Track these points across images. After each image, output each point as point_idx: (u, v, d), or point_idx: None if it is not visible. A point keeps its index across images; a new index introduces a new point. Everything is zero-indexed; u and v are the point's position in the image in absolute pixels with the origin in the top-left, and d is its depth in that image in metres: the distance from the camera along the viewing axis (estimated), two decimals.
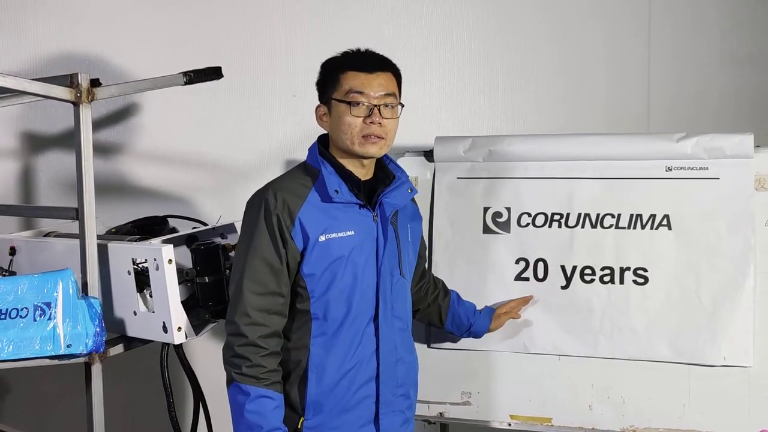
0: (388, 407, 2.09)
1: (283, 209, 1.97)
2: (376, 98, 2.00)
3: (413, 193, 2.17)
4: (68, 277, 2.03)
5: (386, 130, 2.02)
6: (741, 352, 2.36)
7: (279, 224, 1.96)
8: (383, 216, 2.07)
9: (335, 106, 2.02)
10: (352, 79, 2.01)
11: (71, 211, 2.12)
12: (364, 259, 2.04)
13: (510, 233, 2.57)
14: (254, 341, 1.93)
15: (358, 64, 2.03)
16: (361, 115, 2.00)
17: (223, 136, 3.16)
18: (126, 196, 3.04)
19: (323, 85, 2.08)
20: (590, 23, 3.51)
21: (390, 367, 2.09)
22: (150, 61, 2.94)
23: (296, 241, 1.98)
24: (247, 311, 1.94)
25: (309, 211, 1.99)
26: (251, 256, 1.97)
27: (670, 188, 2.46)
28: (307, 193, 2.01)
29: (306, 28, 3.16)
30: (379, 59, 2.07)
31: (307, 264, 1.99)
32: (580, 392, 2.49)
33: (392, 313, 2.09)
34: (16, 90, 2.06)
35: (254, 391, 1.93)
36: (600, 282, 2.48)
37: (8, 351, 1.97)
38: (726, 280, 2.39)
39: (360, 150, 2.01)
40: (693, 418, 2.40)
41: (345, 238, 2.01)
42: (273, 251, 1.96)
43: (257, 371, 1.93)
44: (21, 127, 2.99)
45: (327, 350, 2.02)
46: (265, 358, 1.95)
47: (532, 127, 3.43)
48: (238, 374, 1.94)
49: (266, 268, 1.96)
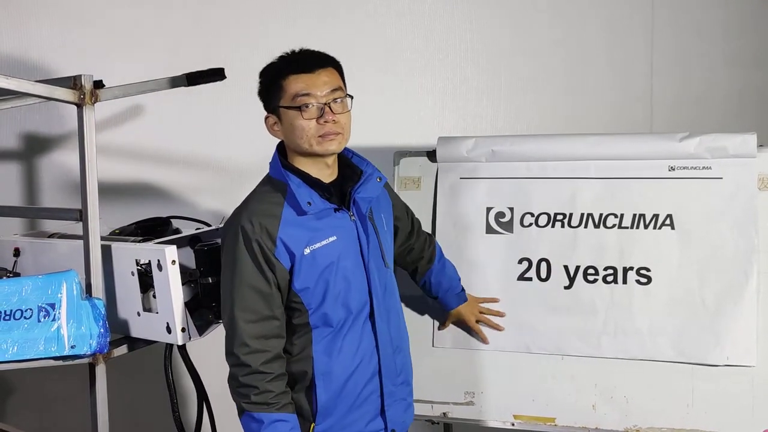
0: (392, 398, 2.12)
1: (262, 233, 1.95)
2: (324, 96, 1.97)
3: (383, 181, 2.14)
4: (72, 278, 2.04)
5: (341, 125, 2.00)
6: (744, 352, 2.36)
7: (261, 249, 1.94)
8: (360, 214, 2.06)
9: (284, 114, 1.99)
10: (296, 82, 1.97)
11: (75, 213, 2.12)
12: (351, 260, 2.04)
13: (513, 233, 2.57)
14: (257, 368, 1.93)
15: (298, 66, 1.99)
16: (312, 117, 1.96)
17: (226, 137, 3.17)
18: (129, 197, 3.04)
19: (267, 94, 2.04)
20: (593, 24, 3.51)
21: (389, 360, 2.11)
22: (153, 62, 2.94)
23: (282, 260, 1.96)
24: (245, 341, 1.93)
25: (287, 228, 1.97)
26: (238, 285, 1.95)
27: (673, 188, 2.45)
28: (281, 210, 1.98)
29: (309, 30, 3.16)
30: (318, 56, 2.03)
31: (298, 279, 1.98)
32: (583, 392, 2.49)
33: (385, 307, 2.11)
34: (20, 92, 2.07)
35: (267, 417, 1.93)
36: (603, 282, 2.48)
37: (13, 352, 1.98)
38: (729, 280, 2.39)
39: (320, 149, 1.99)
40: (696, 418, 2.40)
41: (329, 245, 2.00)
42: (260, 277, 1.95)
43: (266, 397, 1.93)
44: (25, 129, 3.00)
45: (330, 355, 2.03)
46: (272, 383, 1.95)
47: (535, 127, 3.43)
48: (248, 403, 1.94)
49: (256, 295, 1.95)
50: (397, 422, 2.15)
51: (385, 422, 2.11)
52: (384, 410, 2.11)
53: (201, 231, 2.38)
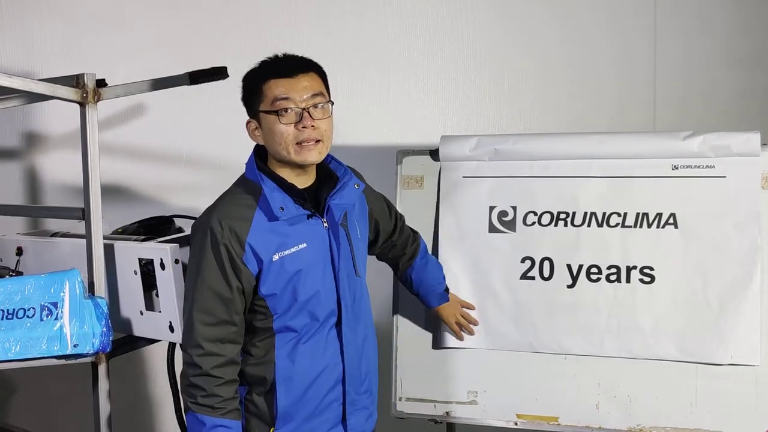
0: (354, 406, 2.09)
1: (231, 237, 1.91)
2: (304, 101, 1.93)
3: (360, 188, 2.09)
4: (75, 277, 2.04)
5: (321, 131, 1.95)
6: (748, 351, 2.35)
7: (228, 253, 1.91)
8: (332, 221, 2.02)
9: (264, 118, 1.96)
10: (275, 86, 1.94)
11: (78, 212, 2.12)
12: (320, 268, 2.01)
13: (516, 232, 2.57)
14: (208, 371, 1.91)
15: (278, 71, 1.96)
16: (291, 121, 1.93)
17: (229, 136, 3.15)
18: (132, 196, 3.04)
19: (248, 99, 2.02)
20: (597, 23, 3.50)
21: (354, 369, 2.08)
22: (156, 61, 2.94)
23: (249, 266, 1.93)
24: (199, 342, 1.91)
25: (257, 233, 1.94)
26: (200, 286, 1.92)
27: (677, 187, 2.45)
28: (252, 214, 1.95)
29: (312, 29, 3.16)
30: (300, 61, 2.01)
31: (265, 285, 1.95)
32: (586, 391, 2.48)
33: (354, 315, 2.08)
34: (23, 90, 2.06)
35: (210, 421, 1.91)
36: (606, 281, 2.48)
37: (15, 351, 1.98)
38: (733, 278, 2.38)
39: (298, 159, 1.95)
40: (700, 417, 2.39)
41: (298, 252, 1.97)
42: (222, 281, 1.92)
43: (212, 401, 1.91)
44: (28, 128, 3.00)
45: (293, 361, 2.00)
46: (221, 387, 1.92)
47: (538, 126, 3.42)
48: (194, 404, 1.92)
49: (215, 298, 1.92)
50: (357, 431, 2.12)
51: (346, 430, 2.09)
52: (345, 418, 2.08)
53: None
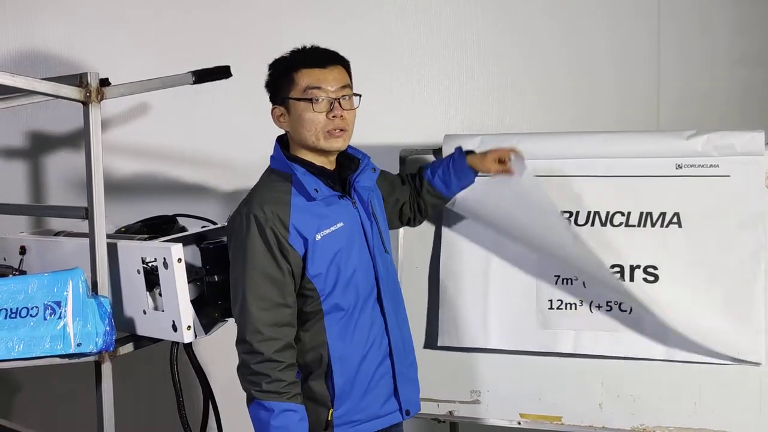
0: (403, 378, 2.17)
1: (275, 220, 1.98)
2: (334, 91, 2.03)
3: (376, 173, 2.19)
4: (78, 276, 2.04)
5: (347, 122, 2.06)
6: (752, 351, 2.35)
7: (275, 236, 1.97)
8: (362, 200, 2.13)
9: (294, 105, 2.04)
10: (308, 76, 2.03)
11: (81, 211, 2.12)
12: (357, 246, 2.09)
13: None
14: (270, 356, 1.95)
15: (311, 61, 2.05)
16: (323, 110, 2.02)
17: (232, 135, 3.17)
18: (135, 195, 3.04)
19: (275, 86, 2.09)
20: (599, 22, 3.50)
21: (398, 341, 2.17)
22: (159, 60, 2.95)
23: (296, 247, 2.00)
24: (258, 328, 1.95)
25: (298, 214, 2.01)
26: (250, 273, 1.97)
27: (681, 186, 2.44)
28: (289, 198, 2.03)
29: (316, 28, 3.16)
30: (330, 54, 2.09)
31: (312, 265, 2.02)
32: (590, 391, 2.48)
33: (389, 289, 2.17)
34: (26, 89, 2.06)
35: (277, 406, 1.95)
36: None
37: (19, 350, 1.98)
38: (736, 278, 2.38)
39: (326, 145, 2.04)
40: (704, 416, 2.39)
41: (337, 230, 2.05)
42: (273, 264, 1.97)
43: (277, 386, 1.95)
44: (31, 127, 3.00)
45: (344, 340, 2.06)
46: (283, 371, 1.97)
47: (541, 125, 3.42)
48: (259, 391, 1.95)
49: (268, 283, 1.97)
50: (411, 402, 2.20)
51: (399, 403, 2.17)
52: (397, 391, 2.16)
53: (207, 229, 2.38)
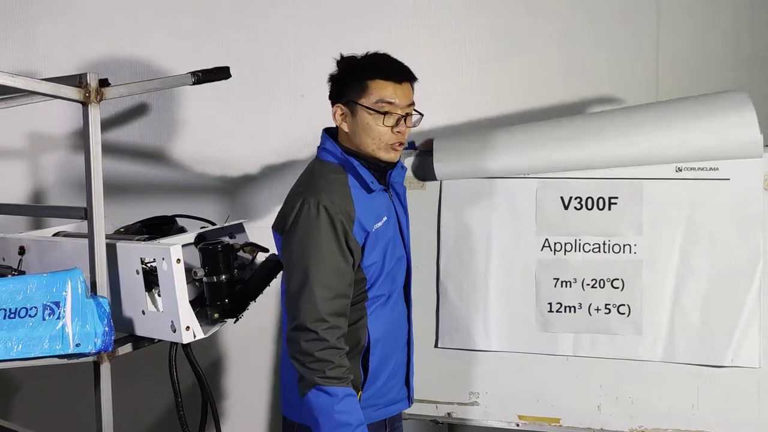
0: (413, 367, 2.27)
1: (343, 213, 2.03)
2: (403, 108, 2.09)
3: (405, 170, 2.30)
4: (77, 277, 2.03)
5: (404, 136, 2.13)
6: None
7: (343, 227, 2.02)
8: (397, 195, 2.23)
9: (361, 112, 2.08)
10: (383, 89, 2.07)
11: (80, 211, 2.12)
12: (396, 238, 2.18)
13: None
14: (334, 344, 2.00)
15: (387, 73, 2.09)
16: (390, 125, 2.07)
17: (231, 136, 3.17)
18: (135, 195, 3.04)
19: (344, 86, 2.11)
20: (599, 23, 3.50)
21: (413, 331, 2.27)
22: (158, 61, 2.95)
23: (358, 238, 2.06)
24: (323, 317, 1.99)
25: (360, 207, 2.07)
26: (319, 262, 2.01)
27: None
28: (349, 191, 2.08)
29: (314, 28, 3.16)
30: (405, 69, 2.14)
31: (369, 256, 2.09)
32: (588, 393, 2.49)
33: (411, 281, 2.26)
34: (26, 90, 2.06)
35: (341, 391, 1.98)
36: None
37: (17, 350, 1.98)
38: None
39: (385, 156, 2.12)
40: (702, 418, 2.39)
41: (385, 223, 2.14)
42: (341, 256, 2.02)
43: (340, 372, 1.99)
44: (30, 127, 3.00)
45: (378, 324, 2.14)
46: (343, 358, 2.02)
47: None
48: (322, 378, 1.98)
49: (335, 273, 2.02)
50: (413, 391, 2.30)
51: (409, 391, 2.26)
52: (408, 379, 2.25)
53: (206, 230, 2.38)
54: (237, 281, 2.23)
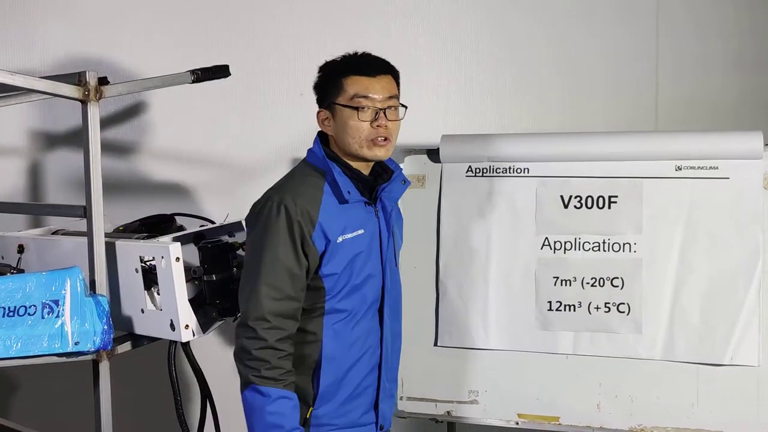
0: (385, 393, 2.17)
1: (304, 215, 1.99)
2: (381, 101, 2.03)
3: (407, 185, 2.19)
4: (76, 275, 2.03)
5: (390, 131, 2.06)
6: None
7: (300, 230, 1.98)
8: (384, 211, 2.14)
9: (340, 111, 2.05)
10: (356, 83, 2.03)
11: (79, 209, 2.12)
12: (373, 254, 2.10)
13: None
14: (272, 344, 1.96)
15: (360, 69, 2.05)
16: (367, 119, 2.02)
17: (231, 135, 3.17)
18: (134, 194, 3.04)
19: (324, 89, 2.10)
20: (598, 22, 3.49)
21: (389, 356, 2.17)
22: (157, 60, 2.94)
23: (317, 244, 2.01)
24: (265, 316, 1.96)
25: (326, 214, 2.02)
26: (270, 261, 1.98)
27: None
28: (321, 196, 2.04)
29: (313, 27, 3.16)
30: (381, 63, 2.10)
31: (327, 265, 2.03)
32: (587, 391, 2.49)
33: (391, 303, 2.16)
34: (25, 88, 2.06)
35: (274, 392, 1.95)
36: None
37: (16, 348, 1.98)
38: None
39: (368, 154, 2.05)
40: (701, 417, 2.39)
41: (358, 236, 2.06)
42: (294, 258, 1.98)
43: (276, 373, 1.96)
44: (29, 126, 3.00)
45: (338, 342, 2.06)
46: (283, 360, 1.97)
47: (540, 126, 3.41)
48: (257, 377, 1.95)
49: (285, 274, 1.98)
50: (386, 418, 2.19)
51: (377, 416, 2.16)
52: (378, 404, 2.15)
53: (205, 228, 2.38)
54: (236, 279, 2.22)
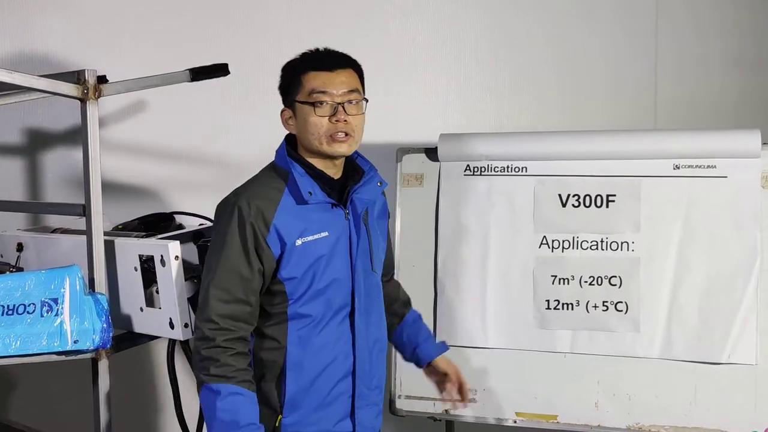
0: (363, 401, 2.10)
1: (258, 217, 1.95)
2: (339, 96, 1.98)
3: (383, 186, 2.13)
4: (75, 274, 2.04)
5: (352, 126, 2.00)
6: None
7: (253, 233, 1.94)
8: (355, 213, 2.06)
9: (299, 108, 2.01)
10: (314, 79, 1.99)
11: (78, 208, 2.12)
12: (339, 258, 2.03)
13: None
14: (219, 343, 1.92)
15: (318, 64, 2.02)
16: (325, 114, 1.98)
17: (229, 133, 3.17)
18: (133, 192, 3.04)
19: (285, 88, 2.06)
20: (597, 22, 3.50)
21: (365, 363, 2.09)
22: (156, 58, 2.94)
23: (272, 247, 1.96)
24: (212, 318, 1.93)
25: (283, 216, 1.97)
26: (221, 263, 1.95)
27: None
28: (280, 197, 1.99)
29: (312, 26, 3.16)
30: (339, 57, 2.05)
31: (285, 269, 1.98)
32: (586, 390, 2.49)
33: (366, 309, 2.09)
34: (24, 86, 2.06)
35: (225, 389, 1.91)
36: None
37: (15, 346, 1.98)
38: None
39: (329, 150, 1.99)
40: (699, 415, 2.40)
41: (320, 239, 2.00)
42: (244, 260, 1.94)
43: (225, 370, 1.92)
44: (28, 124, 3.00)
45: (304, 348, 2.01)
46: (233, 357, 1.93)
47: (538, 125, 3.42)
48: (207, 375, 1.92)
49: (235, 277, 1.94)
50: (366, 426, 2.12)
51: (354, 424, 2.09)
52: (354, 412, 2.08)
53: (204, 227, 2.38)
54: None
